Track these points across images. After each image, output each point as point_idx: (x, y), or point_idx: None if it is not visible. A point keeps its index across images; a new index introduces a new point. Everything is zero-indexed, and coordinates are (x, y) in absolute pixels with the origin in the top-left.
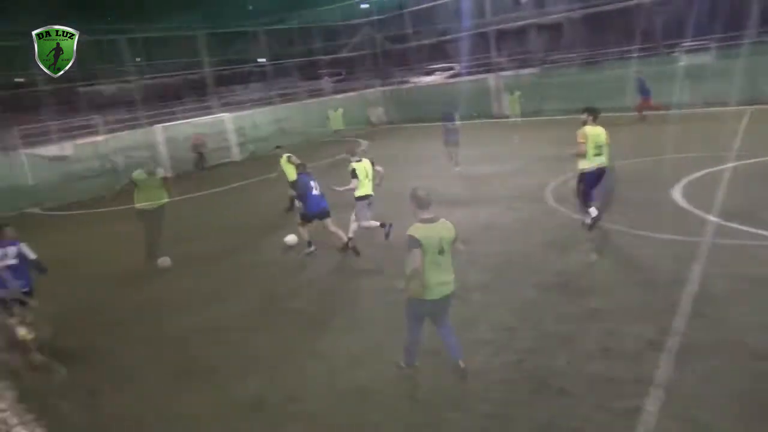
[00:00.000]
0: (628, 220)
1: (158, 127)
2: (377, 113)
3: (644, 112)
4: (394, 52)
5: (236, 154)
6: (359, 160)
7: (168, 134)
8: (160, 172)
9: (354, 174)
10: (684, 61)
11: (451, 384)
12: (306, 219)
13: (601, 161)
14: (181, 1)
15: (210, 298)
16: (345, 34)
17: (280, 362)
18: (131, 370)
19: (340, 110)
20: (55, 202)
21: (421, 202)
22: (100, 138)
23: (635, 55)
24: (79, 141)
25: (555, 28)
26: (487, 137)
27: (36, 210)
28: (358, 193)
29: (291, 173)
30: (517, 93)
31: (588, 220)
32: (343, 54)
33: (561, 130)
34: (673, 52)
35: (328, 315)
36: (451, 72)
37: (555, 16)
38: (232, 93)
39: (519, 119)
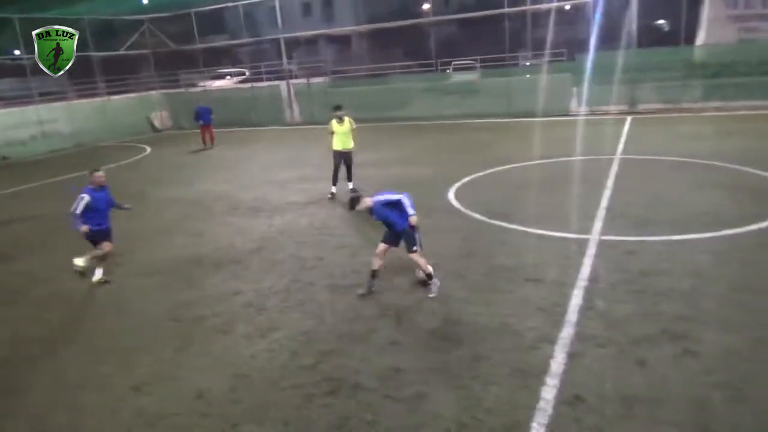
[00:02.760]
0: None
1: None
2: (162, 118)
3: (206, 138)
4: (180, 53)
5: None
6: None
7: None
8: None
9: None
10: (455, 78)
11: (247, 395)
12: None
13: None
14: None
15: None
16: (122, 31)
17: (50, 396)
18: None
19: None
20: None
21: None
22: None
23: (416, 70)
24: None
25: (344, 41)
26: (282, 143)
27: None
28: None
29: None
30: None
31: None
32: (121, 52)
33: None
34: (446, 69)
35: (117, 335)
36: (243, 77)
37: (343, 29)
38: None
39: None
